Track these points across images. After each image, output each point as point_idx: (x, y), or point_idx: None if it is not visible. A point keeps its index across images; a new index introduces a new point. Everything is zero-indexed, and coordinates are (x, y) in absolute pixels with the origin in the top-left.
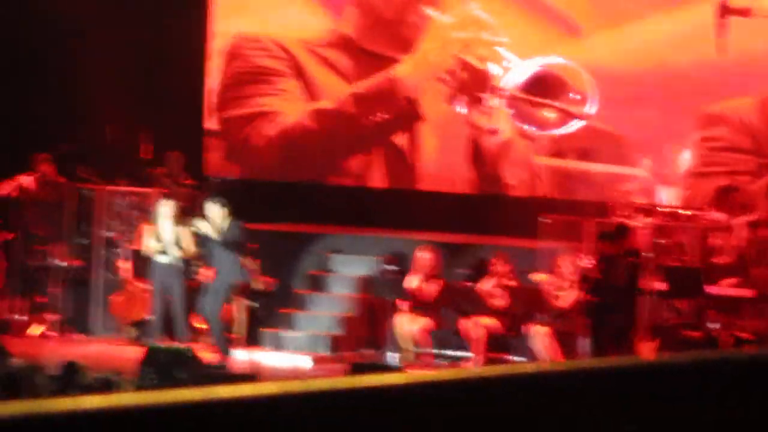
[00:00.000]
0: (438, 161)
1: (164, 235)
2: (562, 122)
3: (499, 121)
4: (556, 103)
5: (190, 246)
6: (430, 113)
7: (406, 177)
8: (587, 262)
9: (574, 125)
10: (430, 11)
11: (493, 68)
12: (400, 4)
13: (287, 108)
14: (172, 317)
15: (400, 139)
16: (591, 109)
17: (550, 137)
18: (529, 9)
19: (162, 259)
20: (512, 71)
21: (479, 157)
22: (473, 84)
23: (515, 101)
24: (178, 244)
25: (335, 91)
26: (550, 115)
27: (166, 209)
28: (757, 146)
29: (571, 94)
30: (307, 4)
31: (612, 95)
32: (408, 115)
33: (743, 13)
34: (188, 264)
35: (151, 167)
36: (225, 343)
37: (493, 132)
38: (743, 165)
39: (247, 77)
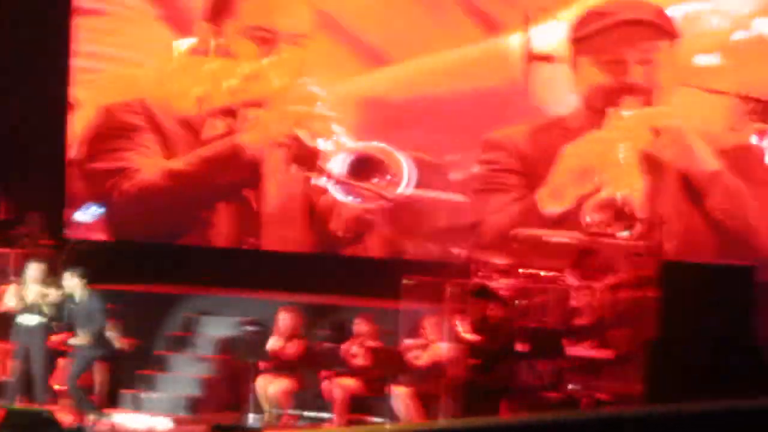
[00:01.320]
0: (280, 216)
1: (28, 297)
2: (375, 199)
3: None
4: (372, 186)
5: (52, 308)
6: (270, 172)
7: (253, 229)
8: (463, 325)
9: (384, 202)
10: (274, 80)
11: (323, 144)
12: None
13: (144, 164)
14: (32, 379)
15: (246, 194)
16: (405, 189)
17: None
18: (336, 38)
19: (24, 321)
20: (337, 155)
21: (314, 212)
22: (305, 157)
23: (338, 180)
24: (41, 305)
25: (186, 144)
26: (365, 193)
27: (32, 271)
28: (526, 168)
29: (388, 176)
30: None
31: (388, 121)
32: (251, 174)
33: (546, 59)
34: (50, 325)
35: (11, 227)
36: (88, 405)
37: (324, 190)
38: (516, 184)
39: (110, 132)
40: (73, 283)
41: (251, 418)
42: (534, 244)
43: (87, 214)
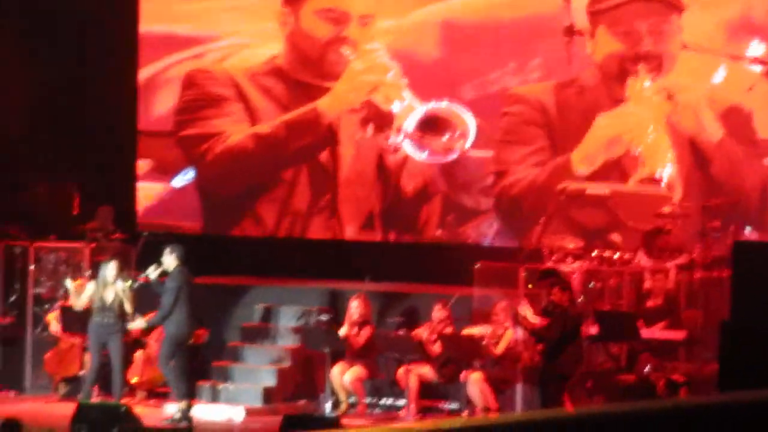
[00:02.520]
0: (352, 173)
1: (107, 295)
2: (446, 153)
3: (400, 142)
4: (442, 140)
5: (129, 305)
6: (346, 136)
7: (328, 185)
8: (528, 310)
9: (455, 156)
10: (346, 51)
11: (395, 107)
12: (322, 45)
13: (232, 129)
14: (109, 374)
15: (323, 156)
16: (468, 144)
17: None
18: None
19: (100, 317)
20: (410, 114)
21: (384, 169)
22: (379, 119)
23: (411, 137)
24: (117, 303)
25: (270, 114)
26: (437, 147)
27: (110, 271)
28: (547, 120)
29: (457, 132)
30: (249, 35)
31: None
32: (328, 138)
33: (582, 33)
34: (125, 321)
35: (82, 222)
36: (182, 386)
37: (396, 149)
38: (537, 137)
39: (199, 103)
40: (170, 259)
41: (327, 407)
42: (578, 197)
43: (182, 179)
